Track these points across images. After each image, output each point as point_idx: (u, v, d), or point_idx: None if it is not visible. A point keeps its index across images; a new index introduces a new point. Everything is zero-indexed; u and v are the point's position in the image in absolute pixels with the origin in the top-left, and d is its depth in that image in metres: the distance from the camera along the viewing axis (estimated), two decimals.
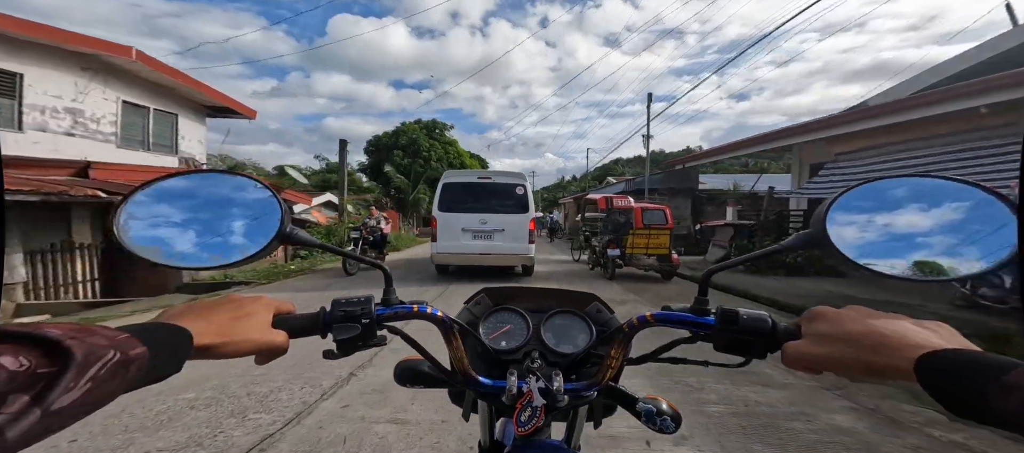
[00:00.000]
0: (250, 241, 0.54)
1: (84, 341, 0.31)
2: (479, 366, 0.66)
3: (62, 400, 0.28)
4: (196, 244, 0.53)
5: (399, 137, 30.59)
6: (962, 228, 0.45)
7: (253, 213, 0.56)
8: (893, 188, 0.50)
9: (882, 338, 0.39)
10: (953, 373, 0.34)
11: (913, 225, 0.48)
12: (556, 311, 0.72)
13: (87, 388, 0.29)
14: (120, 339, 0.34)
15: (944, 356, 0.35)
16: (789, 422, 2.48)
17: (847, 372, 0.42)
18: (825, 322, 0.44)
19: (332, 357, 0.57)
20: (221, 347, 0.45)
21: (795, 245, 0.54)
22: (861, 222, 0.49)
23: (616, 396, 0.66)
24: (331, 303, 0.57)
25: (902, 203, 0.49)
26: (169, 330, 0.41)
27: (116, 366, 0.32)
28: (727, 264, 0.60)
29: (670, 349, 0.64)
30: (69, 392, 0.28)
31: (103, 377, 0.31)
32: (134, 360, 0.34)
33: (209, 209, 0.55)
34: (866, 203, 0.50)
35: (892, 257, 0.47)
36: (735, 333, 0.53)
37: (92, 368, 0.30)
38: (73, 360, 0.29)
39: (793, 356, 0.46)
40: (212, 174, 0.59)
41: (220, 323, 0.46)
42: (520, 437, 0.57)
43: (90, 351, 0.30)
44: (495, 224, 7.69)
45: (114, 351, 0.32)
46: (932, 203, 0.48)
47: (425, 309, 0.59)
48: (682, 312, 0.57)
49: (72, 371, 0.29)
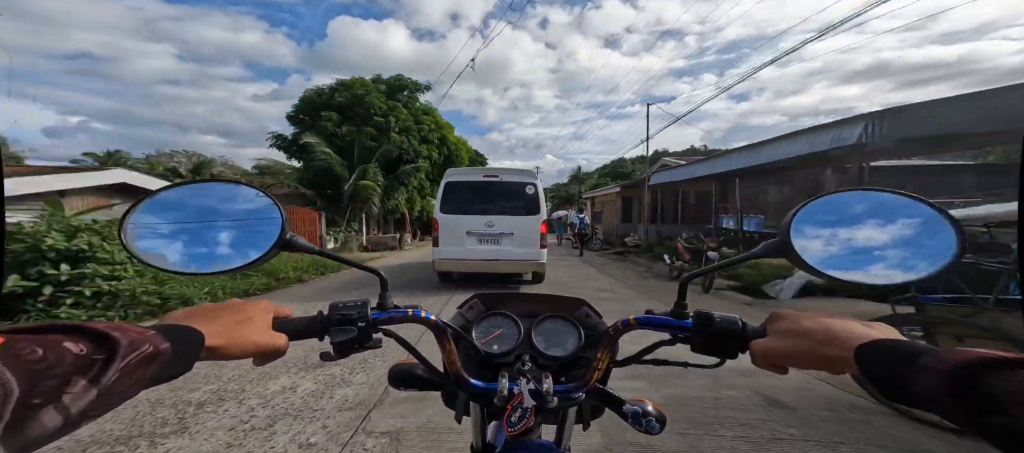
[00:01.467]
0: (251, 248, 0.56)
1: (125, 334, 0.34)
2: (471, 369, 0.68)
3: (109, 384, 0.31)
4: (200, 252, 0.55)
5: (337, 95, 18.31)
6: (907, 237, 0.51)
7: (254, 221, 0.58)
8: (848, 200, 0.56)
9: (831, 333, 0.44)
10: (881, 359, 0.39)
11: (866, 234, 0.53)
12: (546, 315, 0.75)
13: (117, 377, 0.32)
14: (149, 335, 0.37)
15: (876, 345, 0.40)
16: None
17: (804, 363, 0.47)
18: (786, 321, 0.50)
19: (329, 359, 0.59)
20: (227, 348, 0.47)
21: (764, 253, 0.58)
22: (820, 231, 0.54)
23: (604, 398, 0.69)
24: (329, 307, 0.59)
25: (856, 214, 0.54)
26: (185, 331, 0.43)
27: (146, 358, 0.35)
28: (702, 270, 0.64)
29: (652, 351, 0.67)
30: (114, 377, 0.32)
31: (133, 367, 0.34)
32: (159, 354, 0.37)
33: (212, 218, 0.58)
34: (825, 214, 0.55)
35: (848, 263, 0.52)
36: (710, 334, 0.57)
37: (129, 357, 0.33)
38: (119, 348, 0.33)
39: (760, 353, 0.50)
40: (215, 183, 0.61)
41: (226, 326, 0.48)
42: (510, 437, 0.59)
43: (131, 342, 0.34)
44: (503, 227, 6.95)
45: (148, 344, 0.35)
46: (882, 213, 0.53)
47: (420, 313, 0.62)
48: (663, 316, 0.61)
49: (119, 358, 0.32)
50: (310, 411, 2.63)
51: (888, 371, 0.37)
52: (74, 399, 0.29)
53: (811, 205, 0.56)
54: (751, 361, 0.52)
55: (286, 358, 2.56)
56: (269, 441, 2.27)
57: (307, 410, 2.65)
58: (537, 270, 7.28)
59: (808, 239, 0.54)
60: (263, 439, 2.29)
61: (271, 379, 3.10)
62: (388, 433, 2.36)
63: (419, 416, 2.52)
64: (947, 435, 2.33)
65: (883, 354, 0.39)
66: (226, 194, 0.60)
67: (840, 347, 0.43)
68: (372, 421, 2.51)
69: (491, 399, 0.62)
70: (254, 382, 3.05)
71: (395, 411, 2.61)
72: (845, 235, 0.54)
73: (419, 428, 2.40)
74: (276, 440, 2.28)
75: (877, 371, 0.39)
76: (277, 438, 2.30)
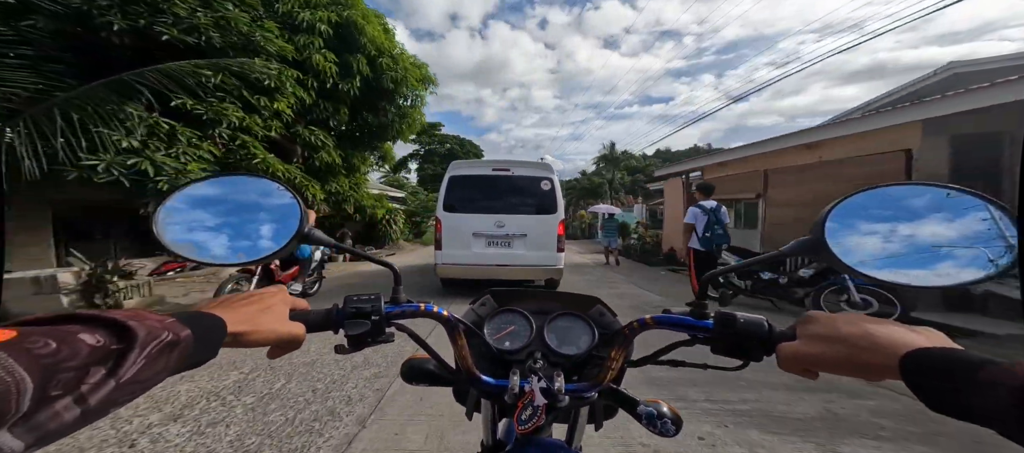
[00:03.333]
0: (273, 240, 0.58)
1: (143, 323, 0.34)
2: (483, 366, 0.68)
3: (128, 374, 0.32)
4: (225, 243, 0.58)
5: None
6: (959, 235, 0.46)
7: (276, 214, 0.60)
8: (895, 195, 0.51)
9: (873, 339, 0.41)
10: (932, 370, 0.35)
11: (911, 232, 0.48)
12: (559, 313, 0.74)
13: (142, 365, 0.33)
14: (169, 322, 0.37)
15: (926, 354, 0.37)
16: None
17: (839, 370, 0.43)
18: (820, 325, 0.46)
19: (343, 352, 0.60)
20: (249, 335, 0.48)
21: (794, 251, 0.54)
22: (859, 228, 0.50)
23: (617, 398, 0.67)
24: (343, 300, 0.60)
25: (900, 210, 0.50)
26: (207, 317, 0.44)
27: (166, 346, 0.36)
28: (725, 269, 0.61)
29: (670, 351, 0.65)
30: (133, 366, 0.32)
31: (155, 355, 0.34)
32: (181, 342, 0.37)
33: (237, 210, 0.60)
34: (864, 209, 0.51)
35: (889, 263, 0.48)
36: (732, 336, 0.54)
37: (149, 346, 0.34)
38: (137, 338, 0.33)
39: (788, 357, 0.47)
40: (240, 178, 0.64)
41: (248, 313, 0.49)
42: (521, 435, 0.59)
43: (149, 331, 0.34)
44: (515, 228, 6.04)
45: (166, 332, 0.36)
46: (930, 210, 0.48)
47: (432, 308, 0.62)
48: (681, 315, 0.59)
49: (137, 348, 0.33)
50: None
51: (940, 385, 0.34)
52: (93, 390, 0.30)
53: (850, 200, 0.51)
54: (777, 364, 0.49)
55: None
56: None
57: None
58: (553, 277, 6.23)
59: (846, 237, 0.50)
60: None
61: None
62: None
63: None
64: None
65: (934, 364, 0.36)
66: (250, 187, 0.63)
67: (883, 355, 0.40)
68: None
69: (502, 396, 0.62)
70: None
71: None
72: (888, 233, 0.49)
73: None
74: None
75: (927, 383, 0.35)
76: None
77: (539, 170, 6.37)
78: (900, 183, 0.51)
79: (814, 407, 2.68)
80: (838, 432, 2.37)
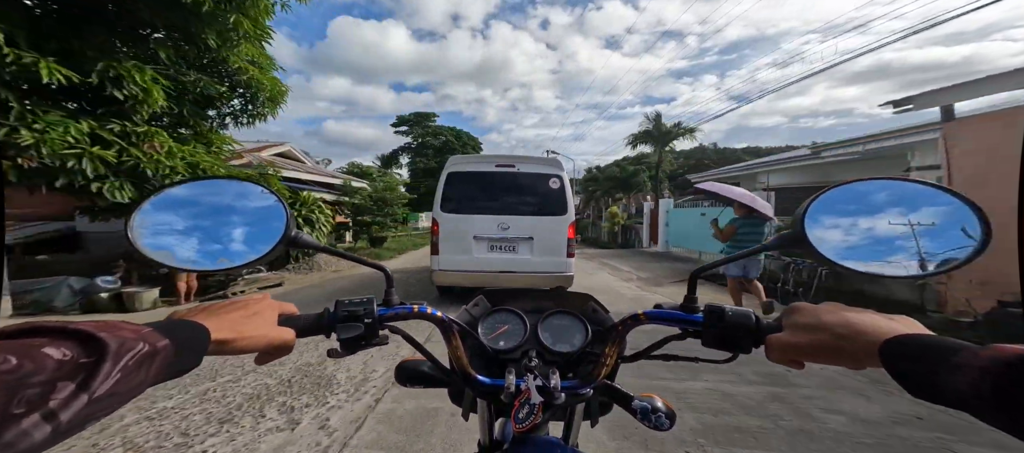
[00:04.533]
0: (256, 245, 0.57)
1: (114, 334, 0.33)
2: (478, 366, 0.68)
3: (102, 387, 0.30)
4: (204, 248, 0.55)
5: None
6: (930, 228, 0.49)
7: (258, 218, 0.58)
8: (868, 189, 0.54)
9: (853, 327, 0.43)
10: (910, 356, 0.37)
11: (885, 225, 0.51)
12: (553, 311, 0.74)
13: (118, 378, 0.31)
14: (144, 332, 0.36)
15: (904, 341, 0.38)
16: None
17: (822, 358, 0.45)
18: (804, 315, 0.48)
19: (336, 356, 0.59)
20: (235, 342, 0.47)
21: (777, 245, 0.57)
22: (837, 221, 0.53)
23: (612, 394, 0.68)
24: (335, 303, 0.59)
25: (875, 204, 0.52)
26: (188, 325, 0.43)
27: (144, 357, 0.34)
28: (712, 264, 0.63)
29: (662, 346, 0.65)
30: (107, 380, 0.30)
31: (132, 367, 0.32)
32: (160, 352, 0.36)
33: (216, 214, 0.58)
34: (843, 203, 0.53)
35: (866, 254, 0.50)
36: (721, 329, 0.55)
37: (123, 358, 0.32)
38: (109, 350, 0.31)
39: (775, 347, 0.49)
40: (218, 181, 0.62)
41: (233, 320, 0.48)
42: (518, 433, 0.59)
43: (122, 342, 0.32)
44: (520, 230, 5.46)
45: (142, 343, 0.34)
46: (905, 204, 0.51)
47: (425, 309, 0.61)
48: (672, 310, 0.60)
49: (109, 360, 0.31)
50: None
51: (918, 369, 0.36)
52: (62, 406, 0.28)
53: (828, 194, 0.53)
54: (766, 355, 0.50)
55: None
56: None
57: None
58: (563, 284, 5.50)
59: (825, 229, 0.52)
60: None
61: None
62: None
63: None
64: None
65: (912, 351, 0.37)
66: (232, 191, 0.61)
67: (862, 342, 0.41)
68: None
69: (498, 395, 0.61)
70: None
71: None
72: (865, 226, 0.52)
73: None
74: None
75: (905, 369, 0.37)
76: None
77: (547, 166, 5.81)
78: (876, 178, 0.53)
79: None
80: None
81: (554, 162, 5.96)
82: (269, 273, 8.74)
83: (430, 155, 32.96)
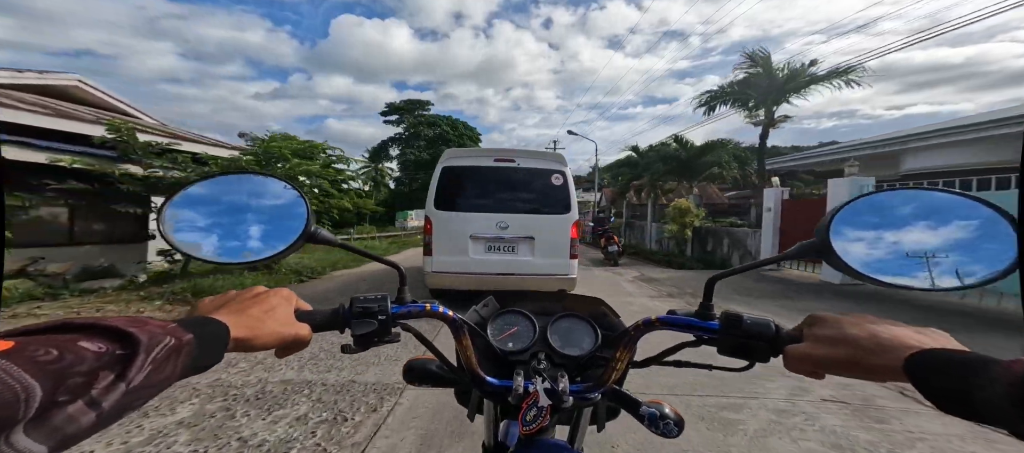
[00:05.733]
0: (279, 239, 0.58)
1: (144, 328, 0.34)
2: (486, 367, 0.68)
3: (138, 378, 0.32)
4: (232, 242, 0.57)
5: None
6: (962, 240, 0.47)
7: (282, 213, 0.60)
8: (895, 200, 0.52)
9: (879, 340, 0.41)
10: (939, 370, 0.36)
11: (914, 236, 0.49)
12: (562, 314, 0.74)
13: (150, 369, 0.33)
14: (170, 327, 0.37)
15: (931, 354, 0.37)
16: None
17: (846, 372, 0.44)
18: (826, 326, 0.46)
19: (350, 351, 0.60)
20: (254, 339, 0.47)
21: (798, 254, 0.55)
22: (864, 232, 0.51)
23: (620, 399, 0.68)
24: (350, 300, 0.60)
25: (904, 215, 0.51)
26: (209, 322, 0.44)
27: (172, 351, 0.35)
28: (731, 271, 0.62)
29: (675, 352, 0.65)
30: (141, 371, 0.32)
31: (161, 360, 0.34)
32: (184, 346, 0.37)
33: (244, 209, 0.60)
34: (869, 214, 0.52)
35: (893, 267, 0.49)
36: (739, 337, 0.54)
37: (154, 351, 0.33)
38: (141, 344, 0.33)
39: (795, 359, 0.47)
40: (245, 177, 0.63)
41: (252, 317, 0.49)
42: (524, 436, 0.59)
43: (151, 336, 0.34)
44: (520, 229, 5.17)
45: (169, 337, 0.35)
46: (933, 215, 0.49)
47: (437, 308, 0.62)
48: (687, 316, 0.59)
49: (142, 353, 0.32)
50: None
51: (948, 384, 0.34)
52: (103, 394, 0.29)
53: (854, 204, 0.52)
54: (784, 365, 0.49)
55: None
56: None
57: None
58: (565, 288, 5.01)
59: (850, 240, 0.51)
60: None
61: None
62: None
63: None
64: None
65: (941, 365, 0.36)
66: (256, 187, 0.62)
67: (888, 357, 0.40)
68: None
69: (506, 397, 0.62)
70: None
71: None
72: (891, 237, 0.50)
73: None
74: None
75: (933, 384, 0.35)
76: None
77: (549, 161, 5.47)
78: (905, 188, 0.52)
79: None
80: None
81: (557, 157, 5.65)
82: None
83: (423, 146, 30.06)
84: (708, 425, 2.48)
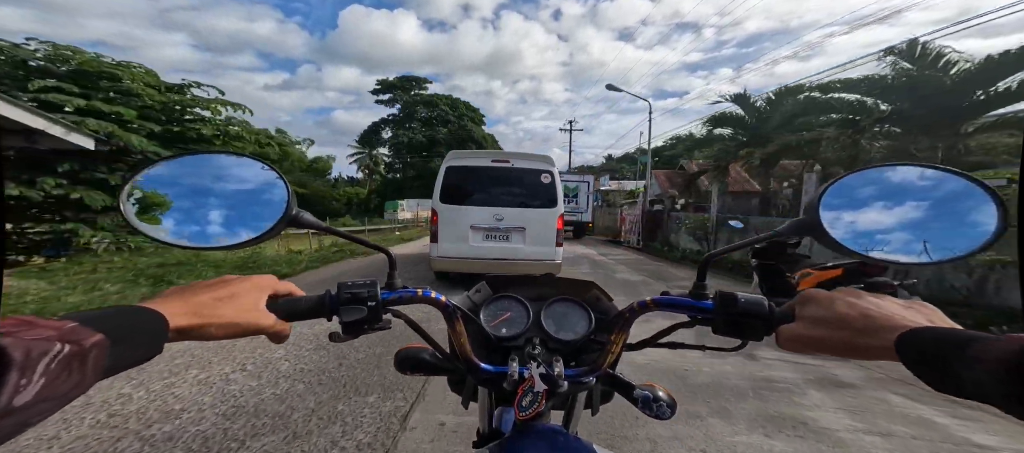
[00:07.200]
0: (257, 223, 0.54)
1: (21, 338, 0.29)
2: (479, 353, 0.67)
3: (18, 399, 0.27)
4: (202, 225, 0.53)
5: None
6: (947, 213, 0.49)
7: (259, 195, 0.56)
8: (882, 176, 0.53)
9: (869, 320, 0.41)
10: (926, 349, 0.36)
11: (898, 211, 0.51)
12: (556, 299, 0.73)
13: (42, 383, 0.28)
14: (67, 330, 0.32)
15: (920, 333, 0.37)
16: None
17: (837, 352, 0.44)
18: (817, 305, 0.46)
19: (338, 340, 0.57)
20: (202, 328, 0.44)
21: (789, 231, 0.56)
22: (852, 208, 0.52)
23: (614, 383, 0.67)
24: (337, 286, 0.57)
25: (890, 190, 0.52)
26: (133, 313, 0.39)
27: (69, 358, 0.31)
28: (724, 249, 0.62)
29: (669, 334, 0.65)
30: (22, 392, 0.27)
31: (56, 371, 0.29)
32: (90, 349, 0.32)
33: (215, 190, 0.56)
34: (858, 190, 0.52)
35: (881, 242, 0.50)
36: (733, 316, 0.54)
37: (40, 364, 0.29)
38: (13, 363, 0.27)
39: (787, 338, 0.48)
40: (219, 155, 0.59)
41: (198, 304, 0.45)
42: (520, 422, 0.58)
43: (30, 348, 0.29)
44: (513, 221, 6.06)
45: (61, 344, 0.31)
46: (919, 189, 0.51)
47: (429, 294, 0.60)
48: (681, 297, 0.59)
49: (15, 372, 0.27)
50: None
51: (935, 364, 0.34)
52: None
53: (842, 181, 0.53)
54: (777, 344, 0.49)
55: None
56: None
57: None
58: (552, 271, 5.75)
59: (839, 216, 0.51)
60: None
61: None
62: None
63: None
64: None
65: (927, 344, 0.36)
66: (231, 166, 0.58)
67: (879, 337, 0.39)
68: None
69: (500, 383, 0.61)
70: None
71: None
72: (879, 213, 0.51)
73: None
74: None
75: (922, 363, 0.35)
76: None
77: (539, 163, 6.29)
78: (891, 164, 0.52)
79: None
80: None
81: (546, 159, 6.44)
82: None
83: (417, 127, 27.91)
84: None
